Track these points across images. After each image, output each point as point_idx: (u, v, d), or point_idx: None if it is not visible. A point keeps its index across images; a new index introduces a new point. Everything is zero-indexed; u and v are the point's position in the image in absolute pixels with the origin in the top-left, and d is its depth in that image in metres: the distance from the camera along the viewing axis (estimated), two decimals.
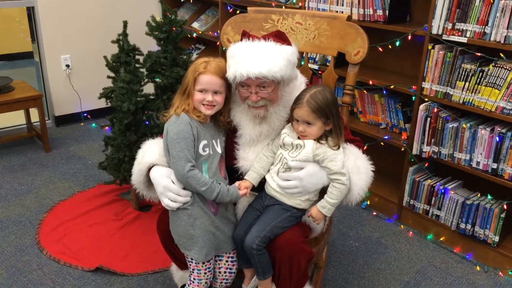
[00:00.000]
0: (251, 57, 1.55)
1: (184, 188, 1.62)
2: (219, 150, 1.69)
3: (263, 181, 1.73)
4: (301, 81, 1.77)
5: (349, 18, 1.93)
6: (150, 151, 1.71)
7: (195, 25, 4.08)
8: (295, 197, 1.67)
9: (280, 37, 1.61)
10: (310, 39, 2.00)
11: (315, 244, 1.81)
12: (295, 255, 1.64)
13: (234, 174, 1.76)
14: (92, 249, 2.43)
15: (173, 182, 1.62)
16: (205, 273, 1.72)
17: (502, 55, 2.24)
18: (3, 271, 2.27)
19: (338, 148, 1.65)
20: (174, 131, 1.59)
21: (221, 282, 1.81)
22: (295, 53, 1.63)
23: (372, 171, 1.72)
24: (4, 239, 2.50)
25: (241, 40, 1.61)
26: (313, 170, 1.64)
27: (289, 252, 1.63)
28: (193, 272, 1.73)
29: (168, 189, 1.61)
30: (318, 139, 1.64)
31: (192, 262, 1.71)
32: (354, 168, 1.67)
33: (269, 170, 1.72)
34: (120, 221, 2.66)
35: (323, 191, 1.70)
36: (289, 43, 1.63)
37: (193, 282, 1.74)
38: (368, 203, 2.93)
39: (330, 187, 1.65)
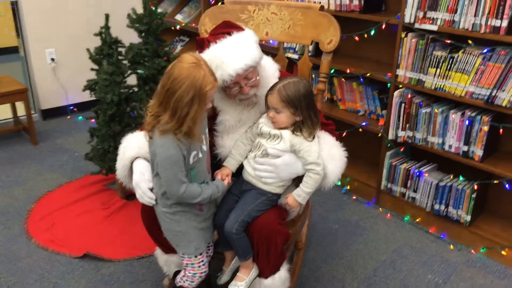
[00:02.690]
0: (228, 56, 1.58)
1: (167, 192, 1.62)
2: (205, 148, 1.67)
3: (240, 167, 1.81)
4: (274, 69, 1.82)
5: (322, 8, 2.01)
6: (130, 146, 1.76)
7: (179, 17, 4.12)
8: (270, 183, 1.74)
9: (232, 26, 1.67)
10: (285, 29, 2.07)
11: (292, 226, 1.89)
12: (271, 236, 1.71)
13: (212, 160, 1.82)
14: (79, 237, 2.49)
15: (147, 179, 1.65)
16: (199, 267, 1.75)
17: (470, 42, 2.33)
18: None
19: (313, 138, 1.72)
20: (163, 156, 1.52)
21: None
22: (252, 32, 1.70)
23: (346, 157, 1.81)
24: None
25: (202, 50, 1.61)
26: (290, 161, 1.71)
27: (265, 234, 1.70)
28: (187, 267, 1.75)
29: (138, 186, 1.67)
30: (293, 131, 1.70)
31: (184, 257, 1.73)
32: (328, 156, 1.74)
33: (246, 157, 1.79)
34: (107, 210, 2.72)
35: (296, 177, 1.78)
36: (241, 28, 1.68)
37: (187, 276, 1.77)
38: (348, 187, 3.03)
39: (305, 176, 1.73)
